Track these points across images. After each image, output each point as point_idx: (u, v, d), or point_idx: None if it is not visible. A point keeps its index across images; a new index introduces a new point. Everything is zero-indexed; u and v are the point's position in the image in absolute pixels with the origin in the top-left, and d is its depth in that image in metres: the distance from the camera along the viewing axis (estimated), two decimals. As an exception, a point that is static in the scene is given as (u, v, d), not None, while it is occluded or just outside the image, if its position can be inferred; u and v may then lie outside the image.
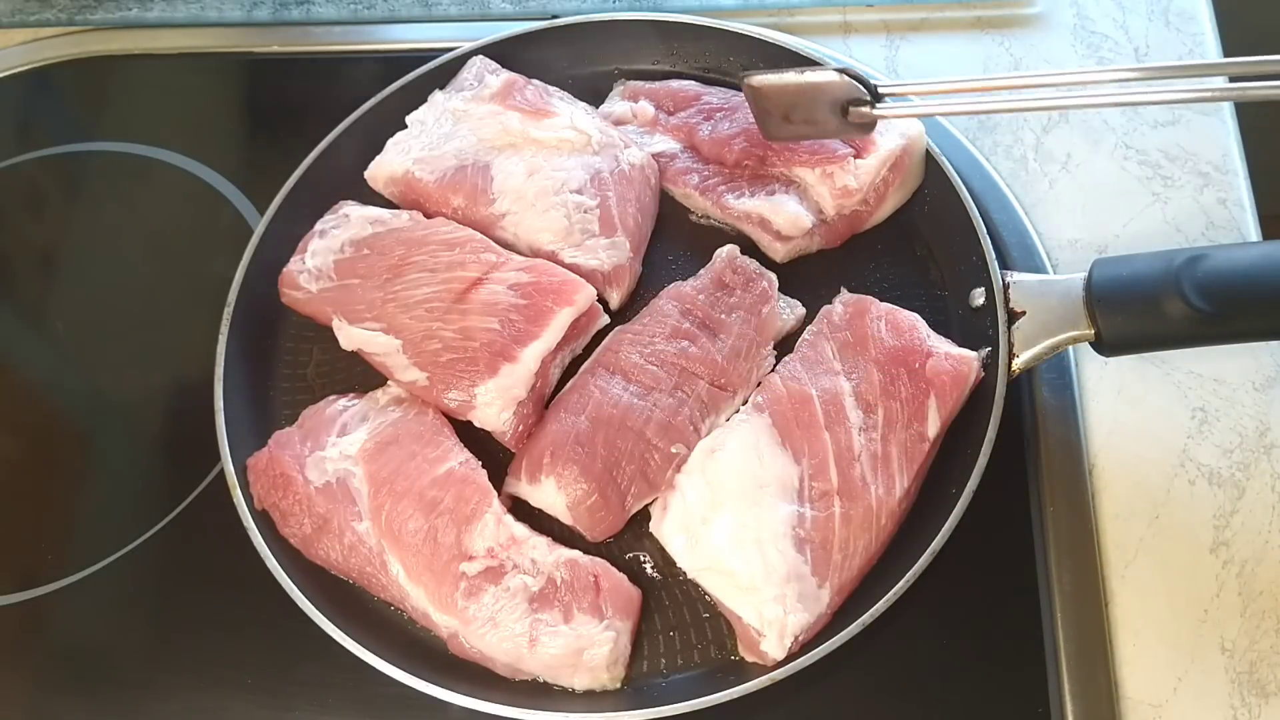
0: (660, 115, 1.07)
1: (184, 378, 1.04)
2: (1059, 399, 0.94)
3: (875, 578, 0.85)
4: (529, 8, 1.20)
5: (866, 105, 0.92)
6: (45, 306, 1.11)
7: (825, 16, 1.17)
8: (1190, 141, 1.06)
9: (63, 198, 1.18)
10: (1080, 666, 0.84)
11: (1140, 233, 1.02)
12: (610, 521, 0.88)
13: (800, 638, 0.82)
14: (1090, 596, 0.86)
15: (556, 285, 0.93)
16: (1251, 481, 0.91)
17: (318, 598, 0.86)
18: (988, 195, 1.04)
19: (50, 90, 1.25)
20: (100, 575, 0.95)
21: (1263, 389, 0.94)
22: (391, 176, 1.03)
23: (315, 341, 1.01)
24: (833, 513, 0.85)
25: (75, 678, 0.92)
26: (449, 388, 0.91)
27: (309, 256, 0.99)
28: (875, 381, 0.89)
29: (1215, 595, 0.86)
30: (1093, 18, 1.15)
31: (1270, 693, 0.83)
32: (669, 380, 0.91)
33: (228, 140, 1.19)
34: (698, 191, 1.02)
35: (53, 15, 1.26)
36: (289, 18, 1.23)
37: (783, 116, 0.95)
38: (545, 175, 1.00)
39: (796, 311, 0.97)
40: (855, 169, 0.97)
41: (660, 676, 0.86)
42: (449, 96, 1.06)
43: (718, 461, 0.87)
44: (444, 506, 0.87)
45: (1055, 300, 0.88)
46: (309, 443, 0.91)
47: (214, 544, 0.93)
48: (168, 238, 1.14)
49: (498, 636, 0.83)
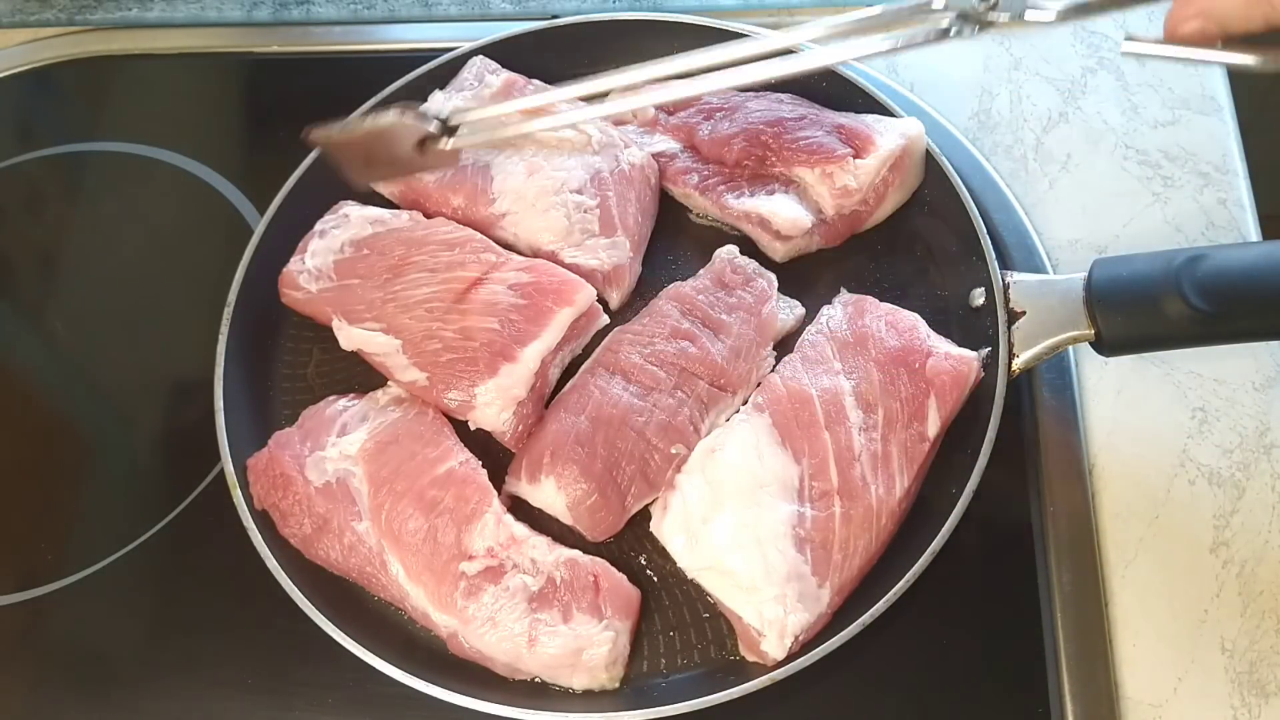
0: (660, 115, 1.07)
1: (184, 378, 1.04)
2: (1059, 399, 0.94)
3: (875, 578, 0.85)
4: (529, 8, 1.20)
5: (441, 139, 0.90)
6: (45, 306, 1.11)
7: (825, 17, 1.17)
8: (1190, 141, 1.06)
9: (63, 198, 1.18)
10: (1080, 666, 0.84)
11: (1140, 233, 1.02)
12: (610, 521, 0.88)
13: (800, 637, 0.82)
14: (1090, 596, 0.86)
15: (556, 285, 0.93)
16: (1251, 481, 0.91)
17: (318, 598, 0.86)
18: (988, 195, 1.04)
19: (50, 90, 1.25)
20: (100, 575, 0.95)
21: (1263, 389, 0.94)
22: (391, 176, 1.03)
23: (315, 341, 1.01)
24: (833, 512, 0.85)
25: (75, 678, 0.92)
26: (449, 388, 0.91)
27: (309, 256, 0.99)
28: (875, 381, 0.89)
29: (1215, 595, 0.86)
30: (1092, 17, 1.14)
31: (1270, 693, 0.83)
32: (669, 380, 0.91)
33: (228, 140, 1.19)
34: (698, 191, 1.02)
35: (53, 15, 1.26)
36: (289, 18, 1.23)
37: (364, 163, 0.94)
38: (545, 175, 1.00)
39: (796, 311, 0.97)
40: (855, 169, 0.97)
41: (660, 676, 0.86)
42: (449, 96, 1.06)
43: (718, 461, 0.87)
44: (444, 506, 0.87)
45: (1055, 300, 0.88)
46: (309, 443, 0.91)
47: (214, 544, 0.93)
48: (168, 238, 1.14)
49: (497, 636, 0.83)
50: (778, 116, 1.01)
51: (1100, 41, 1.13)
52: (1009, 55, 1.13)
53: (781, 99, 1.04)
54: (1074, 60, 1.12)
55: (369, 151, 0.92)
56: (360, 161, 0.94)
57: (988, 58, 1.13)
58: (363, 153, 0.93)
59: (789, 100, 1.04)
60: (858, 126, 0.99)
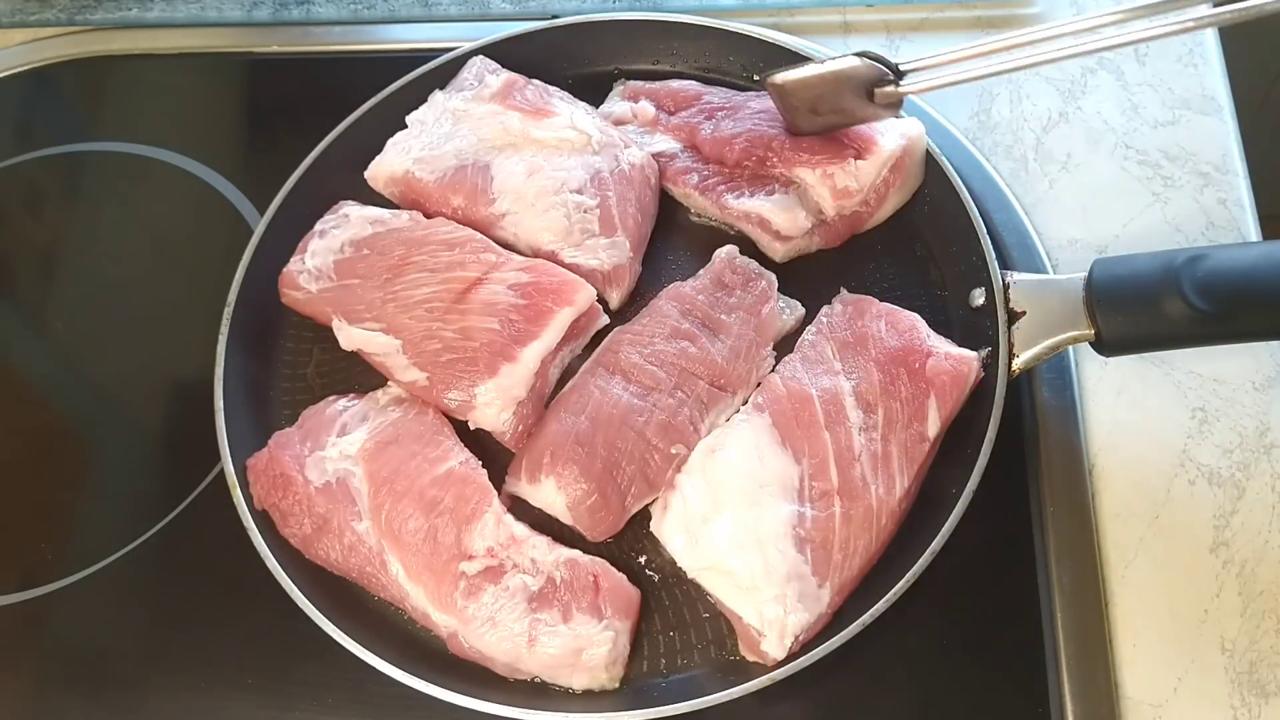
0: (660, 115, 1.07)
1: (184, 378, 1.04)
2: (1059, 399, 0.94)
3: (875, 578, 0.85)
4: (529, 8, 1.20)
5: (891, 84, 0.92)
6: (45, 306, 1.11)
7: (825, 16, 1.17)
8: (1190, 141, 1.06)
9: (63, 198, 1.18)
10: (1080, 666, 0.84)
11: (1140, 233, 1.02)
12: (610, 521, 0.88)
13: (800, 637, 0.82)
14: (1090, 596, 0.86)
15: (556, 285, 0.93)
16: (1251, 481, 0.91)
17: (318, 598, 0.86)
18: (988, 195, 1.04)
19: (50, 90, 1.25)
20: (100, 575, 0.95)
21: (1263, 389, 0.94)
22: (391, 176, 1.03)
23: (315, 341, 1.01)
24: (833, 512, 0.85)
25: (75, 678, 0.92)
26: (449, 388, 0.91)
27: (309, 256, 0.99)
28: (875, 381, 0.89)
29: (1215, 595, 0.86)
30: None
31: (1270, 693, 0.83)
32: (669, 380, 0.91)
33: (228, 140, 1.19)
34: (698, 191, 1.02)
35: (53, 15, 1.26)
36: (289, 18, 1.23)
37: (810, 110, 0.96)
38: (545, 175, 1.00)
39: (796, 311, 0.97)
40: (855, 170, 0.97)
41: (660, 676, 0.86)
42: (449, 96, 1.06)
43: (718, 461, 0.87)
44: (444, 506, 0.87)
45: (1055, 300, 0.88)
46: (309, 443, 0.91)
47: (214, 544, 0.93)
48: (168, 238, 1.14)
49: (496, 636, 0.83)
50: (779, 116, 1.01)
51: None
52: (1009, 55, 1.13)
53: (782, 99, 1.04)
54: (1074, 60, 1.12)
55: (819, 97, 0.95)
56: (807, 108, 0.96)
57: (988, 58, 1.13)
58: (813, 98, 0.95)
59: (789, 100, 1.04)
60: (858, 127, 0.99)
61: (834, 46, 1.14)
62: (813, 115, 0.97)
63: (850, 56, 0.93)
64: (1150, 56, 1.11)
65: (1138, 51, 1.12)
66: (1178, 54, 1.11)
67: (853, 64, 0.93)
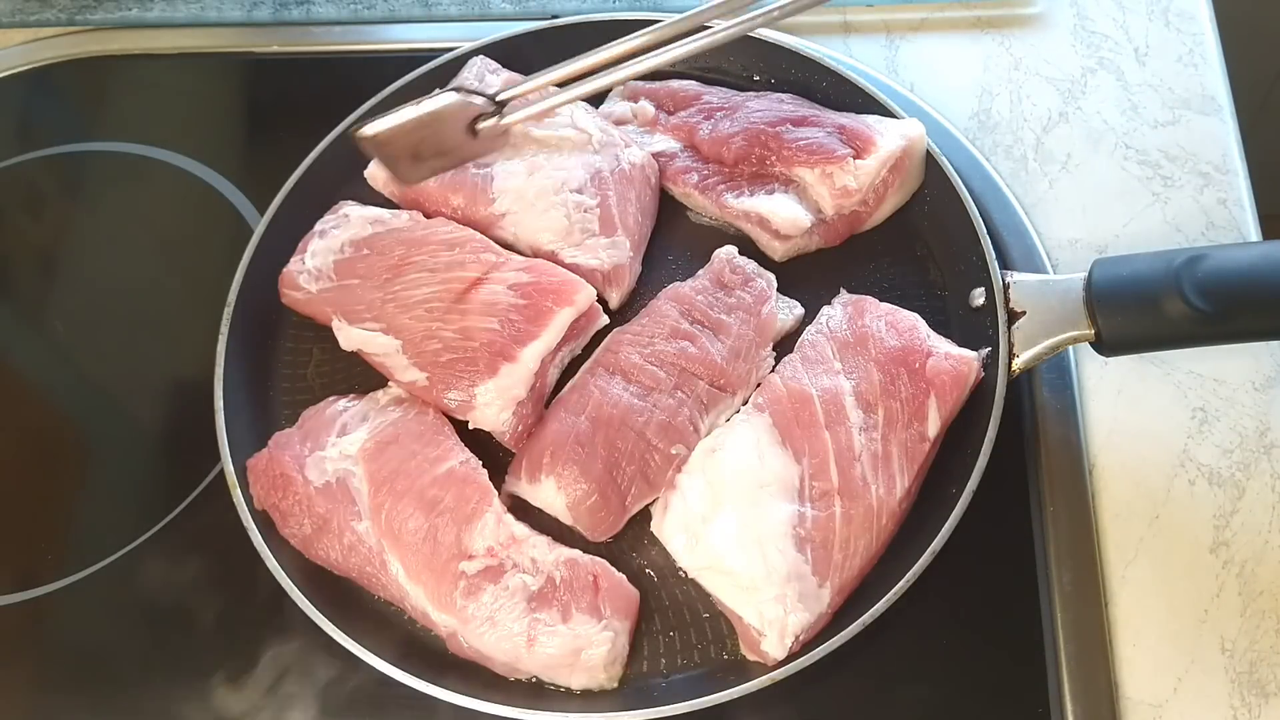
0: (660, 115, 1.07)
1: (184, 378, 1.04)
2: (1059, 399, 0.94)
3: (875, 577, 0.85)
4: (529, 8, 1.20)
5: (493, 117, 0.89)
6: (45, 306, 1.11)
7: (825, 16, 1.17)
8: (1190, 141, 1.06)
9: (63, 198, 1.18)
10: (1080, 666, 0.84)
11: (1140, 233, 1.02)
12: (610, 521, 0.88)
13: (801, 637, 0.82)
14: (1090, 596, 0.86)
15: (556, 285, 0.93)
16: (1251, 481, 0.91)
17: (318, 598, 0.86)
18: (988, 195, 1.04)
19: (50, 90, 1.25)
20: (100, 575, 0.95)
21: (1263, 389, 0.94)
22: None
23: (315, 341, 1.01)
24: (833, 512, 0.85)
25: (75, 678, 0.92)
26: (449, 388, 0.91)
27: (309, 256, 0.99)
28: (875, 381, 0.89)
29: (1215, 595, 0.86)
30: (1092, 18, 1.15)
31: (1270, 693, 0.83)
32: (669, 380, 0.91)
33: (228, 140, 1.19)
34: (697, 191, 1.02)
35: (53, 15, 1.26)
36: (289, 18, 1.23)
37: (412, 157, 0.91)
38: (545, 175, 1.00)
39: (795, 311, 0.97)
40: (855, 169, 0.97)
41: (660, 676, 0.86)
42: (449, 96, 1.06)
43: (718, 461, 0.87)
44: (444, 506, 0.87)
45: (1055, 300, 0.88)
46: (309, 443, 0.91)
47: (214, 544, 0.93)
48: (167, 238, 1.14)
49: (496, 636, 0.83)
50: (778, 116, 1.01)
51: (1100, 41, 1.13)
52: (1009, 55, 1.13)
53: (782, 99, 1.04)
54: (1074, 60, 1.12)
55: (418, 144, 0.90)
56: (408, 156, 0.91)
57: (988, 58, 1.13)
58: (411, 146, 0.90)
59: (789, 100, 1.04)
60: (858, 127, 0.99)
61: (834, 47, 1.14)
62: (416, 162, 0.91)
63: (447, 93, 0.88)
64: (1150, 56, 1.11)
65: (1138, 52, 1.12)
66: (1178, 54, 1.11)
67: (449, 101, 0.88)
